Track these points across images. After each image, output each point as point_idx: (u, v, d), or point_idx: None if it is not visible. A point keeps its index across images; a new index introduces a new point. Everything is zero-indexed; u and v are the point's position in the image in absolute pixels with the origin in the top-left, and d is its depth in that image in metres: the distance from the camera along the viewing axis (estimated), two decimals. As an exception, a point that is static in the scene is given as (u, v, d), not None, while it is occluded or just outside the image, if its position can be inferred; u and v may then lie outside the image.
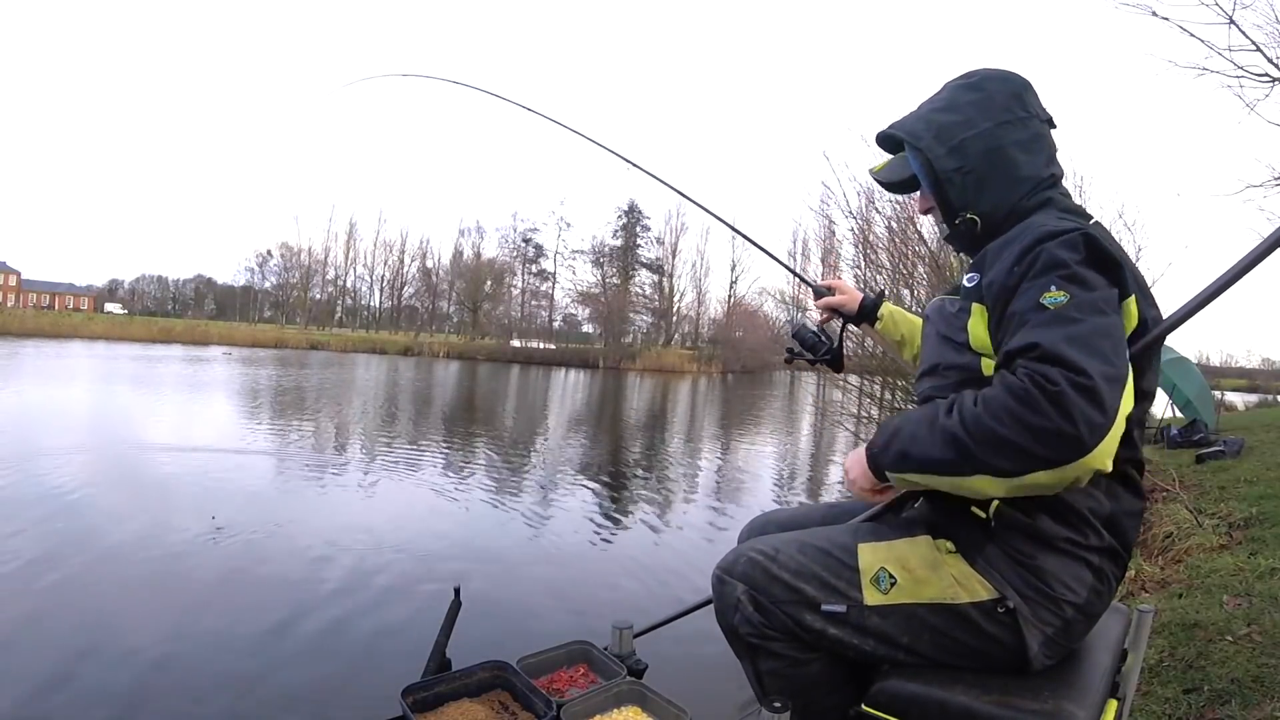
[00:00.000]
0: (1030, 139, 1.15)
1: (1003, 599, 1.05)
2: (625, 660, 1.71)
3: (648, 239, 54.59)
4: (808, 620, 1.12)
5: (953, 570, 1.07)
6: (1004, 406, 0.88)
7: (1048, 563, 1.05)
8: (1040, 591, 1.05)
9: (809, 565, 1.14)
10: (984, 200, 1.15)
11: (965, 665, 1.08)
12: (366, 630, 3.08)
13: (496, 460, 8.23)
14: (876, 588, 1.10)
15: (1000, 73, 1.19)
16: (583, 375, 32.32)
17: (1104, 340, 0.90)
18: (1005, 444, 0.88)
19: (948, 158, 1.16)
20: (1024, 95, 1.16)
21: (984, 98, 1.16)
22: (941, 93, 1.22)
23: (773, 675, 1.17)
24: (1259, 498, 4.67)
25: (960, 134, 1.15)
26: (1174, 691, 2.19)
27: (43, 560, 3.70)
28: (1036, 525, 1.04)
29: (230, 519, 4.57)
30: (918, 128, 1.20)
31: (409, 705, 1.48)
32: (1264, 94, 4.71)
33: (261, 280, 61.21)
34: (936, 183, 1.18)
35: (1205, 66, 4.68)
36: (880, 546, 1.13)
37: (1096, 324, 0.91)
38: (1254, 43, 4.50)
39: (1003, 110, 1.14)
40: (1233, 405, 18.99)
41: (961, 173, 1.15)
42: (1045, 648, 1.06)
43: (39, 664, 2.64)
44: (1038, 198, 1.14)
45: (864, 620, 1.10)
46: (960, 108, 1.17)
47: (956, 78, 1.22)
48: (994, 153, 1.14)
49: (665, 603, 3.65)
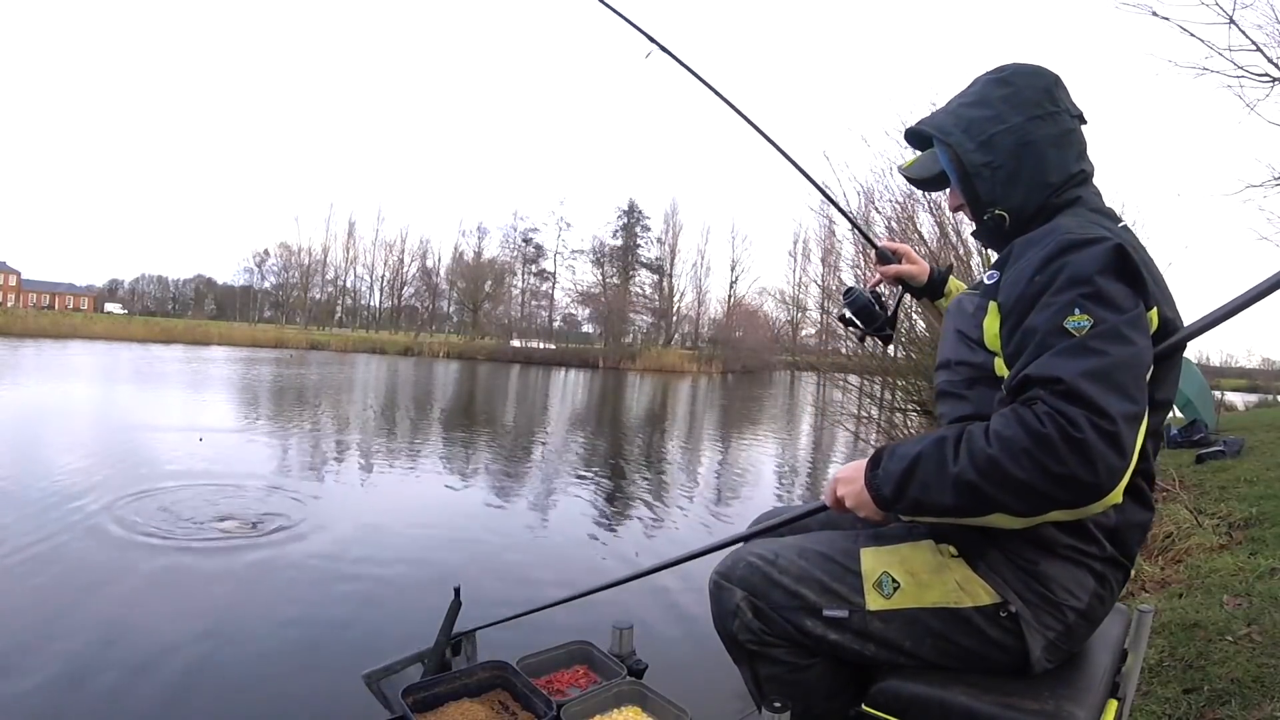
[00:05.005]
0: (1061, 134, 1.13)
1: (1005, 603, 1.04)
2: (625, 660, 1.71)
3: (648, 239, 54.60)
4: (808, 625, 1.12)
5: (956, 574, 1.07)
6: (1023, 449, 0.85)
7: (1050, 568, 1.04)
8: (1043, 596, 1.05)
9: (810, 570, 1.13)
10: (1013, 196, 1.13)
11: (966, 669, 1.08)
12: (366, 630, 3.07)
13: (496, 459, 8.23)
14: (879, 592, 1.09)
15: (1031, 67, 1.17)
16: (583, 375, 32.30)
17: (1127, 374, 0.87)
18: (1023, 487, 0.86)
19: (977, 152, 1.14)
20: (1054, 90, 1.14)
21: (1014, 92, 1.14)
22: (972, 87, 1.20)
23: (772, 681, 1.17)
24: (1259, 498, 4.66)
25: (990, 129, 1.13)
26: (1174, 691, 2.19)
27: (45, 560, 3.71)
28: (1039, 532, 1.03)
29: (230, 517, 4.57)
30: (946, 123, 1.18)
31: (409, 705, 1.48)
32: (1264, 94, 4.72)
33: (261, 280, 61.24)
34: (965, 177, 1.16)
35: (1205, 66, 4.69)
36: (883, 551, 1.12)
37: (1120, 356, 0.87)
38: (1254, 43, 4.51)
39: (1033, 105, 1.12)
40: (1233, 405, 18.98)
41: (991, 168, 1.13)
42: (1047, 652, 1.06)
43: (45, 671, 2.64)
44: (1067, 195, 1.13)
45: (866, 625, 1.10)
46: (990, 102, 1.15)
47: (987, 72, 1.20)
48: (1024, 148, 1.12)
49: (665, 602, 3.65)
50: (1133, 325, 0.90)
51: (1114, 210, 1.15)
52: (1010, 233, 1.14)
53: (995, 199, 1.15)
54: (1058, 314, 0.92)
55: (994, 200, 1.15)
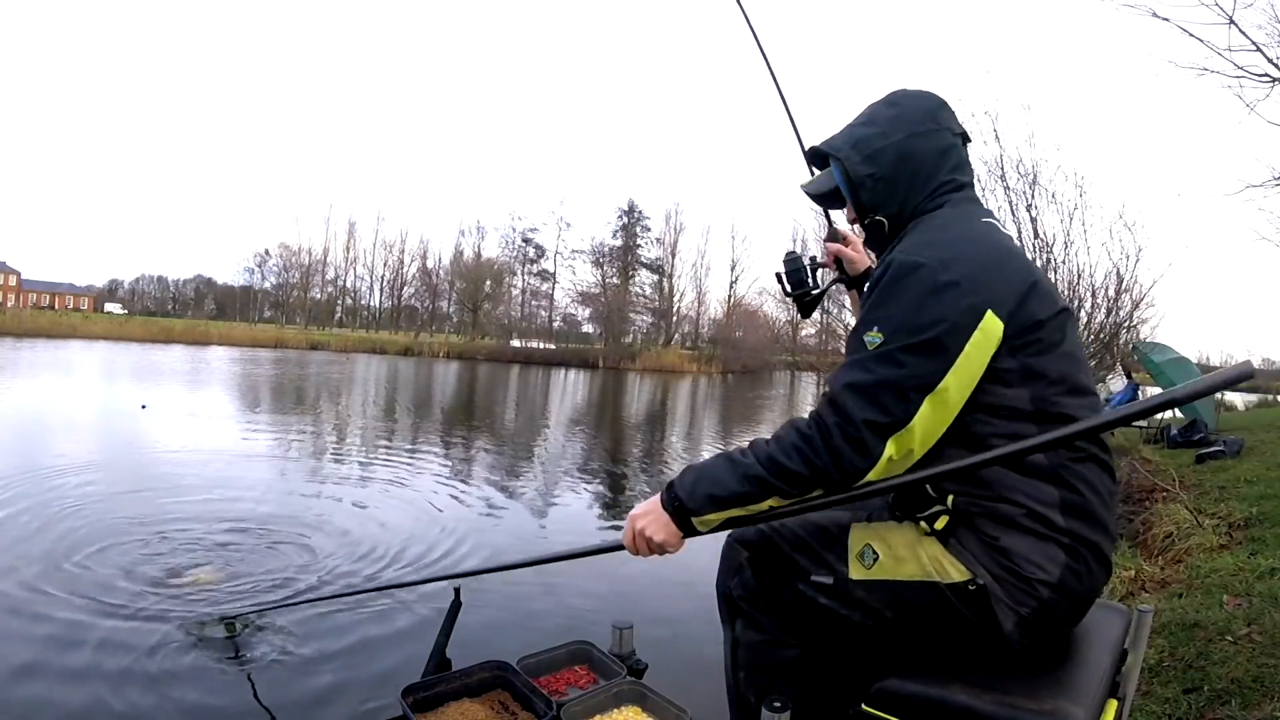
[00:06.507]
0: (939, 150, 1.25)
1: (974, 578, 1.09)
2: (625, 660, 1.72)
3: (648, 239, 54.58)
4: (800, 588, 1.24)
5: (929, 550, 1.13)
6: (793, 445, 1.07)
7: (1013, 542, 1.08)
8: (1011, 571, 1.08)
9: (805, 538, 1.26)
10: (891, 203, 1.26)
11: (946, 642, 1.15)
12: (365, 629, 3.07)
13: (496, 459, 8.23)
14: (861, 562, 1.19)
15: (918, 92, 1.30)
16: (583, 375, 32.28)
17: (886, 392, 1.03)
18: (791, 475, 1.07)
19: (862, 165, 1.26)
20: (937, 112, 1.27)
21: (900, 113, 1.26)
22: (865, 111, 1.33)
23: (748, 648, 1.31)
24: (1259, 498, 4.67)
25: (875, 144, 1.25)
26: (1174, 691, 2.19)
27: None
28: (999, 508, 1.09)
29: (228, 515, 4.57)
30: (839, 141, 1.31)
31: (409, 705, 1.48)
32: (1264, 94, 4.71)
33: (261, 280, 61.23)
34: (852, 188, 1.29)
35: (1205, 67, 4.68)
36: (869, 526, 1.22)
37: (885, 375, 1.04)
38: (1254, 43, 4.50)
39: (915, 124, 1.25)
40: (1233, 405, 18.96)
41: (874, 178, 1.26)
42: (1022, 629, 1.09)
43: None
44: (937, 201, 1.24)
45: (850, 592, 1.19)
46: (878, 122, 1.28)
47: (882, 97, 1.32)
48: (902, 161, 1.24)
49: (665, 602, 3.65)
50: (914, 349, 1.04)
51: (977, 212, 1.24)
52: (889, 236, 1.27)
53: (876, 206, 1.27)
54: (862, 329, 1.10)
55: (875, 207, 1.27)
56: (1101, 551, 1.11)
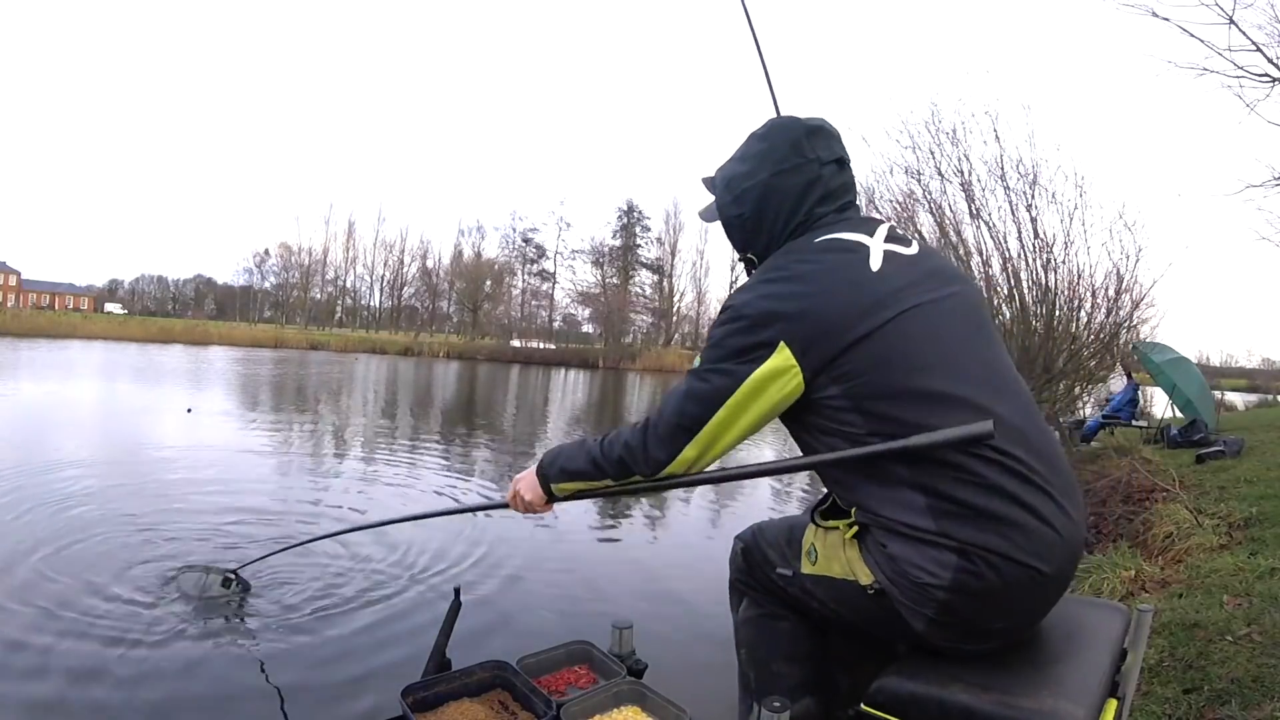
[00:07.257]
0: (803, 184, 1.26)
1: (874, 583, 1.15)
2: (625, 660, 1.72)
3: (647, 239, 54.70)
4: (773, 577, 1.37)
5: (849, 553, 1.20)
6: (626, 438, 1.24)
7: (899, 550, 1.11)
8: (903, 576, 1.11)
9: (778, 537, 1.39)
10: (757, 242, 1.31)
11: (882, 635, 1.25)
12: (365, 630, 3.07)
13: (496, 458, 8.23)
14: (809, 559, 1.29)
15: (785, 121, 1.31)
16: (583, 375, 32.28)
17: (691, 401, 1.18)
18: (619, 461, 1.24)
19: (731, 205, 1.32)
20: (803, 142, 1.27)
21: (769, 148, 1.29)
22: (744, 141, 1.35)
23: (748, 624, 1.43)
24: (1259, 498, 4.67)
25: (742, 184, 1.30)
26: (1174, 691, 2.19)
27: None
28: (879, 515, 1.13)
29: (227, 514, 4.57)
30: (718, 176, 1.36)
31: (409, 705, 1.48)
32: (1264, 94, 4.72)
33: (261, 280, 61.25)
34: (726, 226, 1.35)
35: (1205, 67, 4.69)
36: (818, 528, 1.29)
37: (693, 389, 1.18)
38: (1254, 43, 4.51)
39: (780, 160, 1.27)
40: (1233, 405, 18.95)
41: (741, 219, 1.31)
42: (935, 628, 1.11)
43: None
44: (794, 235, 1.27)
45: (804, 584, 1.30)
46: (749, 159, 1.31)
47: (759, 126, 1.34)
48: (765, 199, 1.28)
49: (665, 602, 3.65)
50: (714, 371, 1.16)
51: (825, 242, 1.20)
52: None
53: (746, 245, 1.33)
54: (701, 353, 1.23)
55: (745, 246, 1.34)
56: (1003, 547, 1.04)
